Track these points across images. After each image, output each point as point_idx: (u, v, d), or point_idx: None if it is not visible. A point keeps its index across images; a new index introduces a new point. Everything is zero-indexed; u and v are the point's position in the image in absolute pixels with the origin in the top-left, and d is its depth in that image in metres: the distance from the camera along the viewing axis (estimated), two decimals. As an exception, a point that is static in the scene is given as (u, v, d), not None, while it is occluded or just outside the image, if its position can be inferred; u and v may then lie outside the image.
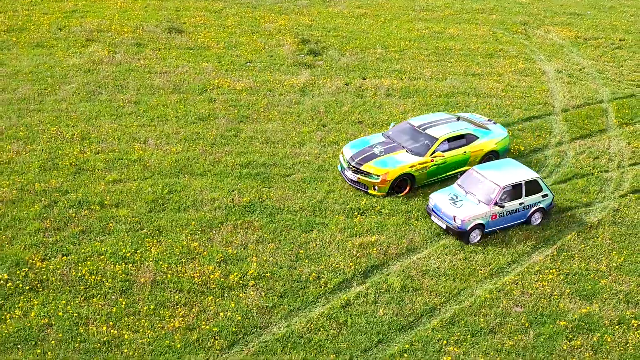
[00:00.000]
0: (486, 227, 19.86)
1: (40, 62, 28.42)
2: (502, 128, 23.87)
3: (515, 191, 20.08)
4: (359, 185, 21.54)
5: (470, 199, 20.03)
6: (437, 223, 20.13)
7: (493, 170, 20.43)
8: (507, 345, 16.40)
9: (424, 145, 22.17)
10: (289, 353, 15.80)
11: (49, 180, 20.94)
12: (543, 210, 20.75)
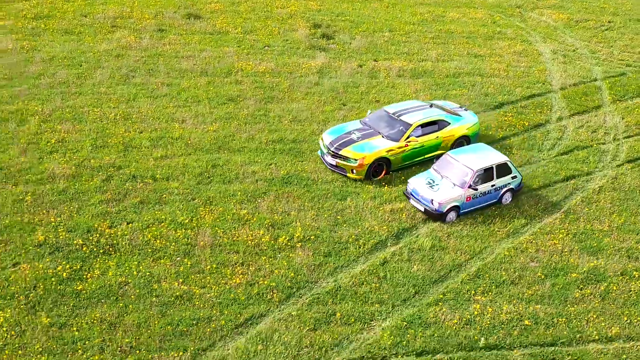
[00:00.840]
0: (461, 209, 21.37)
1: (72, 48, 30.33)
2: (472, 114, 25.33)
3: (487, 174, 21.55)
4: (338, 169, 22.90)
5: (446, 182, 21.41)
6: (415, 206, 21.60)
7: (466, 155, 21.91)
8: (527, 294, 18.93)
9: (399, 131, 23.53)
10: (338, 303, 18.19)
11: (102, 157, 23.06)
12: (513, 191, 22.32)
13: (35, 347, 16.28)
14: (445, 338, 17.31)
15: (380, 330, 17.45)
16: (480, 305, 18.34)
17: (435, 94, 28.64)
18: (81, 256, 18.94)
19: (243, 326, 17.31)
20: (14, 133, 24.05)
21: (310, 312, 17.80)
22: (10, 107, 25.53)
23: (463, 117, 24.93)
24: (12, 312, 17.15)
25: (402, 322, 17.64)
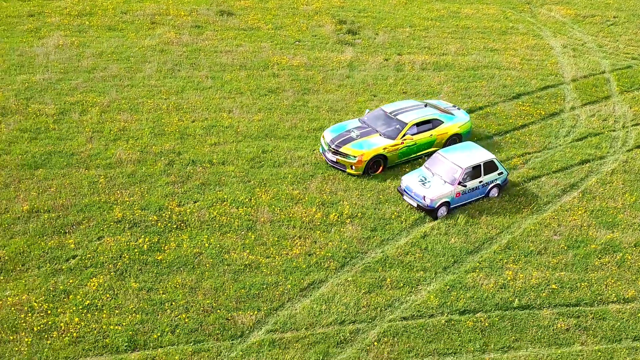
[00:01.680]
0: (451, 204, 23.01)
1: (117, 43, 32.78)
2: (464, 113, 26.99)
3: (475, 171, 23.17)
4: (338, 165, 24.53)
5: (437, 180, 23.01)
6: (409, 202, 23.17)
7: (456, 153, 23.52)
8: (552, 262, 21.60)
9: (395, 130, 25.14)
10: (387, 270, 20.82)
11: (162, 143, 25.60)
12: (499, 186, 24.02)
13: (129, 307, 18.86)
14: (483, 299, 19.95)
15: (426, 293, 20.07)
16: (512, 272, 20.98)
17: (458, 86, 31.22)
18: (157, 231, 21.49)
19: (307, 290, 19.91)
20: (78, 122, 26.53)
21: (364, 278, 20.41)
22: (71, 99, 27.98)
23: (455, 116, 26.53)
24: (104, 278, 19.70)
25: (445, 286, 20.28)
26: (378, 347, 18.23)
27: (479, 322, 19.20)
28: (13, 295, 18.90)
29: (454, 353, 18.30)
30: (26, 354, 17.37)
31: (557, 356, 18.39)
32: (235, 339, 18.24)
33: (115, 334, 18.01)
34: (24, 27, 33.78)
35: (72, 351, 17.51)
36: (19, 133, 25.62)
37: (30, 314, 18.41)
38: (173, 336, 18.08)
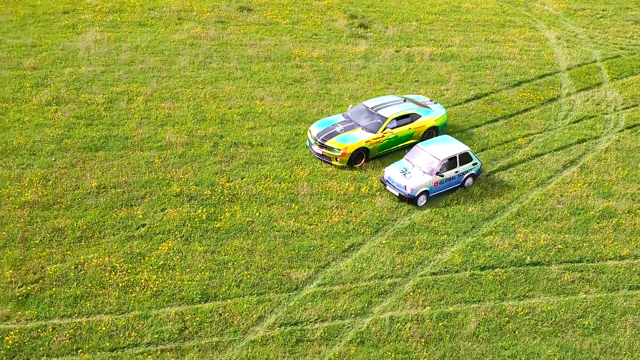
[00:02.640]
0: (430, 193, 25.26)
1: (150, 38, 35.85)
2: (441, 107, 29.17)
3: (452, 162, 25.34)
4: (324, 157, 26.67)
5: (417, 171, 25.17)
6: (391, 191, 25.32)
7: (433, 146, 25.69)
8: (557, 227, 25.05)
9: (376, 124, 27.20)
10: (416, 234, 24.19)
11: (205, 128, 28.79)
12: (473, 175, 26.34)
13: (197, 266, 22.11)
14: (500, 257, 23.39)
15: (450, 253, 23.47)
16: (523, 235, 24.43)
17: (464, 74, 34.60)
18: (212, 203, 24.73)
19: (347, 251, 23.24)
20: (126, 110, 29.65)
21: (396, 241, 23.78)
22: (116, 89, 31.08)
23: (432, 110, 28.71)
24: (172, 243, 22.93)
25: (467, 247, 23.69)
26: (413, 296, 21.60)
27: (497, 276, 22.62)
28: (96, 257, 22.08)
29: (478, 301, 21.71)
30: (115, 304, 20.57)
31: (565, 302, 21.85)
32: (291, 291, 21.54)
33: (189, 288, 21.26)
34: (61, 23, 36.74)
35: (154, 302, 20.74)
36: (75, 120, 28.70)
37: (113, 273, 21.61)
38: (238, 289, 21.35)
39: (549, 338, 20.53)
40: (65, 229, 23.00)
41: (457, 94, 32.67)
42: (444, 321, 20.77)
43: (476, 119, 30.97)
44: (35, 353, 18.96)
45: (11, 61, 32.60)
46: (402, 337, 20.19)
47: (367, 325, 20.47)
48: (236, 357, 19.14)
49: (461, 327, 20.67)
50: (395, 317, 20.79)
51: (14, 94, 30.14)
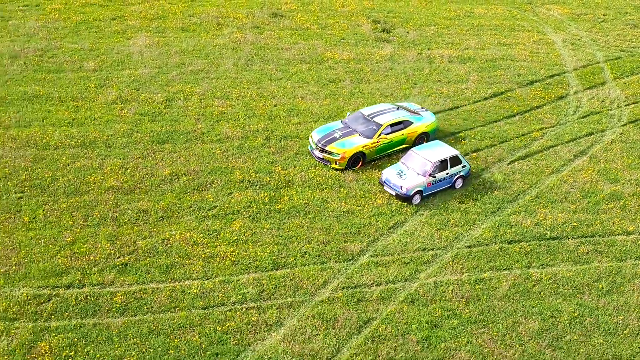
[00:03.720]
0: (424, 192, 28.17)
1: (194, 42, 39.72)
2: (431, 114, 31.89)
3: (443, 165, 28.16)
4: (324, 161, 29.41)
5: (411, 172, 27.93)
6: (388, 191, 28.08)
7: (426, 150, 28.57)
8: (572, 207, 29.08)
9: (372, 130, 29.94)
10: (450, 214, 28.13)
11: (256, 123, 32.69)
12: (463, 177, 29.17)
13: (266, 241, 26.04)
14: (524, 233, 27.39)
15: (481, 230, 27.48)
16: (543, 214, 28.45)
17: (481, 75, 38.61)
18: (271, 188, 28.65)
19: (393, 228, 27.20)
20: (183, 108, 33.53)
21: (433, 220, 27.76)
22: (172, 89, 34.96)
23: (423, 117, 31.49)
24: (242, 221, 26.84)
25: (495, 224, 27.70)
26: (452, 265, 25.59)
27: (522, 248, 26.64)
28: (179, 234, 25.98)
29: (507, 268, 25.72)
30: (201, 271, 24.49)
31: (581, 270, 25.89)
32: (348, 261, 25.49)
33: (261, 259, 25.18)
34: (111, 29, 40.57)
35: (233, 270, 24.66)
36: (140, 116, 32.57)
37: (195, 246, 25.51)
38: (303, 259, 25.29)
39: (569, 298, 24.54)
40: (148, 210, 26.88)
41: (476, 93, 36.67)
42: (480, 285, 24.77)
43: (495, 115, 34.96)
44: (140, 311, 22.84)
45: (73, 64, 36.42)
46: (446, 297, 24.17)
47: (416, 288, 24.44)
48: (308, 313, 23.06)
49: (495, 289, 24.66)
50: (438, 281, 24.77)
51: (81, 93, 33.96)
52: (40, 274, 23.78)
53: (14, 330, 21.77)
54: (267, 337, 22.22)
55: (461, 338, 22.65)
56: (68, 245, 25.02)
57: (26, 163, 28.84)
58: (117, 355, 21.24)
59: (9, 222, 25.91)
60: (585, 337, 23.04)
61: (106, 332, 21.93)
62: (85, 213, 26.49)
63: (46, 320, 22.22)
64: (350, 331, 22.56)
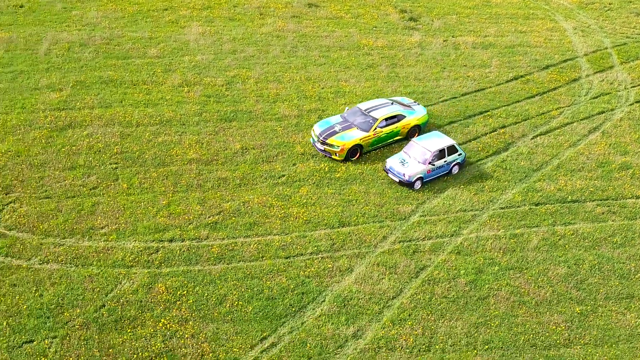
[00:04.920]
0: (424, 179, 31.86)
1: (242, 31, 44.46)
2: (423, 108, 35.28)
3: (441, 153, 31.70)
4: (325, 152, 32.64)
5: (413, 161, 31.48)
6: (392, 178, 31.80)
7: (426, 141, 32.20)
8: (588, 175, 34.09)
9: (368, 124, 33.26)
10: (485, 181, 33.14)
11: (308, 104, 37.52)
12: (459, 164, 32.95)
13: (330, 203, 30.99)
14: (548, 197, 32.41)
15: (512, 194, 32.50)
16: (564, 181, 33.47)
17: (502, 60, 43.49)
18: (329, 159, 33.57)
19: (436, 192, 32.17)
20: (242, 90, 38.34)
21: (470, 185, 32.73)
22: (230, 73, 39.76)
23: (415, 111, 34.85)
24: (308, 187, 31.78)
25: (523, 190, 32.72)
26: (490, 223, 30.62)
27: (548, 210, 31.68)
28: (255, 197, 30.92)
29: (536, 226, 30.74)
30: (280, 228, 29.44)
31: (598, 227, 30.93)
32: (401, 220, 30.48)
33: (328, 218, 30.15)
34: (165, 19, 45.28)
35: (306, 227, 29.61)
36: (206, 98, 37.38)
37: (272, 208, 30.46)
38: (364, 218, 30.25)
39: (589, 250, 29.62)
40: (227, 178, 31.79)
41: (499, 76, 41.60)
42: (514, 239, 29.82)
43: (516, 96, 39.89)
44: (234, 259, 27.80)
45: (138, 51, 41.16)
46: (486, 248, 29.22)
47: (460, 241, 29.48)
48: (374, 261, 28.08)
49: (527, 242, 29.72)
50: (479, 236, 29.81)
51: (150, 78, 38.73)
52: (146, 230, 28.68)
53: (133, 274, 26.70)
54: (341, 280, 27.22)
55: (501, 281, 27.70)
56: (164, 207, 29.92)
57: (115, 138, 33.64)
58: (222, 294, 26.21)
59: (110, 188, 30.77)
60: (604, 280, 28.13)
61: (209, 276, 26.88)
62: (174, 181, 31.36)
63: (158, 267, 27.16)
64: (409, 275, 27.60)
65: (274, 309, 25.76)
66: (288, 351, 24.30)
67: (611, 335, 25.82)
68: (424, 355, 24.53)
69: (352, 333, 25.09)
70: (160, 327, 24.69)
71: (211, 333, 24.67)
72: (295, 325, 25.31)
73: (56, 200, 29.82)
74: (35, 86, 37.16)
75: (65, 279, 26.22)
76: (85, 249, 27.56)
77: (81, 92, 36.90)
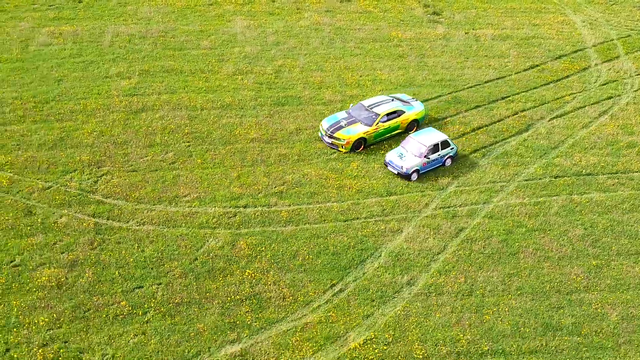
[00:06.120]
0: (420, 171, 35.81)
1: (282, 24, 49.60)
2: (420, 104, 39.27)
3: (435, 148, 35.51)
4: (333, 145, 36.72)
5: (410, 154, 35.35)
6: (391, 170, 35.81)
7: (422, 136, 35.93)
8: (600, 152, 39.42)
9: (371, 119, 37.24)
10: (511, 157, 38.47)
11: (349, 90, 42.70)
12: (451, 157, 36.89)
13: (377, 176, 36.23)
14: (566, 170, 37.73)
15: (533, 168, 37.83)
16: (579, 157, 38.78)
17: (520, 50, 48.72)
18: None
19: (469, 167, 37.48)
20: (289, 78, 43.53)
21: (498, 161, 38.02)
22: (277, 63, 44.94)
23: (414, 107, 38.85)
24: (357, 163, 36.99)
25: (543, 164, 38.05)
26: (516, 193, 35.95)
27: (566, 181, 37.01)
28: (313, 171, 36.17)
29: (556, 195, 36.09)
30: (336, 197, 34.66)
31: (610, 196, 36.26)
32: (440, 190, 35.81)
33: (377, 188, 35.42)
34: (212, 13, 50.39)
35: (359, 195, 34.88)
36: (258, 85, 42.58)
37: (327, 180, 35.68)
38: (408, 188, 35.52)
39: (602, 214, 34.98)
40: (286, 154, 37.03)
41: (517, 65, 46.87)
42: (538, 206, 35.17)
43: (533, 83, 45.17)
44: (301, 222, 33.08)
45: (191, 43, 46.32)
46: (514, 214, 34.56)
47: (492, 208, 34.83)
48: (419, 224, 33.41)
49: (548, 209, 35.08)
50: (507, 203, 35.15)
51: (206, 67, 43.90)
52: (223, 198, 33.94)
53: (217, 234, 31.96)
54: (393, 239, 32.54)
55: (528, 240, 33.06)
56: (235, 179, 35.17)
57: (184, 120, 38.84)
58: (294, 250, 31.50)
59: (187, 163, 35.99)
60: (615, 240, 33.52)
61: (281, 235, 32.17)
62: (240, 157, 36.59)
63: (237, 228, 32.43)
64: (450, 235, 32.93)
65: (339, 261, 31.06)
66: (354, 295, 29.61)
67: (623, 284, 31.19)
68: (467, 298, 29.86)
69: (407, 281, 30.42)
70: (247, 276, 29.96)
71: (289, 281, 29.96)
72: (358, 275, 30.61)
73: (142, 173, 35.02)
74: (106, 74, 42.28)
75: (161, 238, 31.46)
76: (173, 214, 32.80)
77: (147, 79, 42.05)
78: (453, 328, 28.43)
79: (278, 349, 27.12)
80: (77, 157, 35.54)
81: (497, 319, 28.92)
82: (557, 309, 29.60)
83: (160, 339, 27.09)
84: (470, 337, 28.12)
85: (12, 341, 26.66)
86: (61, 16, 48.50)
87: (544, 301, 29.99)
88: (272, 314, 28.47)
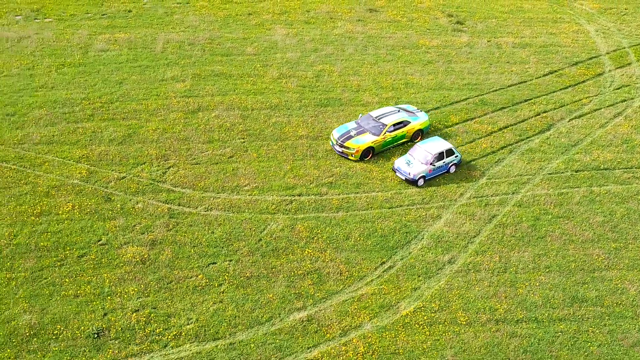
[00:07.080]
0: (426, 177, 38.66)
1: (318, 32, 54.03)
2: (425, 114, 42.15)
3: (440, 155, 38.22)
4: (343, 154, 39.46)
5: (417, 162, 38.05)
6: (399, 176, 38.93)
7: (428, 144, 38.58)
8: (616, 150, 43.66)
9: (379, 129, 40.03)
10: (534, 154, 42.81)
11: (385, 93, 47.07)
12: (456, 164, 39.85)
13: (417, 169, 40.62)
14: (585, 165, 42.02)
15: (556, 163, 42.09)
16: (597, 154, 43.04)
17: (538, 57, 53.11)
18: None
19: (497, 162, 41.80)
20: (328, 82, 47.92)
21: (524, 156, 42.27)
22: (317, 68, 49.33)
23: (418, 117, 41.77)
24: (397, 157, 41.36)
25: (565, 160, 42.33)
26: (541, 184, 40.27)
27: (586, 175, 41.30)
28: (358, 165, 40.48)
29: (578, 187, 40.41)
30: (380, 187, 39.03)
31: (625, 188, 40.52)
32: (473, 181, 40.14)
33: (416, 180, 39.73)
34: (252, 22, 54.86)
35: (401, 186, 39.13)
36: (301, 88, 46.95)
37: (372, 172, 39.99)
38: (445, 180, 39.85)
39: (620, 204, 39.25)
40: (332, 150, 41.34)
41: (537, 71, 51.26)
42: (561, 196, 39.48)
43: (553, 87, 49.56)
44: (350, 209, 37.29)
45: (237, 49, 50.74)
46: (540, 203, 38.86)
47: (520, 197, 39.14)
48: (456, 211, 37.72)
49: (571, 199, 39.37)
50: (534, 194, 39.47)
51: (252, 71, 48.30)
52: (279, 188, 38.25)
53: (277, 219, 36.28)
54: (433, 224, 36.84)
55: (554, 225, 37.36)
56: (289, 171, 39.48)
57: (237, 119, 43.20)
58: (346, 232, 35.83)
59: (244, 157, 40.32)
60: (632, 226, 37.81)
61: (334, 220, 36.46)
62: (291, 152, 40.92)
63: (294, 213, 36.73)
64: (484, 221, 37.23)
65: (387, 243, 35.34)
66: (402, 271, 33.88)
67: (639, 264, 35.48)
68: (502, 275, 34.13)
69: (448, 259, 34.69)
70: (306, 254, 34.23)
71: (344, 259, 34.24)
72: (404, 254, 34.88)
73: (204, 165, 39.34)
74: (162, 78, 46.68)
75: (227, 221, 35.76)
76: (236, 201, 37.11)
77: (200, 82, 46.44)
78: (491, 299, 32.65)
79: (339, 315, 31.35)
80: (145, 151, 39.84)
81: (529, 292, 33.15)
82: (582, 284, 33.83)
83: (236, 306, 31.33)
84: (507, 306, 32.35)
85: (108, 307, 30.89)
86: (114, 24, 52.94)
87: (570, 277, 34.21)
88: (331, 286, 32.69)
